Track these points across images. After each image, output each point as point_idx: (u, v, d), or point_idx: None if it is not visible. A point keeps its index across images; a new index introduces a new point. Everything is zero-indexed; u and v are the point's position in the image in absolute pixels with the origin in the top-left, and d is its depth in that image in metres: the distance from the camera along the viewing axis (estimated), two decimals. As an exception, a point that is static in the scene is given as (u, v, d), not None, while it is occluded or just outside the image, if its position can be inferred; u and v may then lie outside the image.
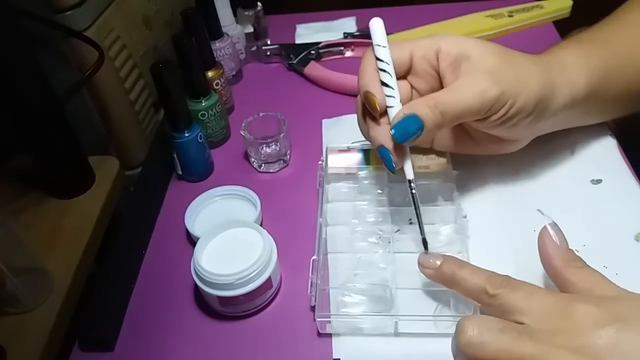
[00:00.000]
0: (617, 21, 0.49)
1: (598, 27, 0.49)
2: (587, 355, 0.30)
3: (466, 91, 0.40)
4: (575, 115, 0.47)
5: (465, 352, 0.31)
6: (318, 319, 0.41)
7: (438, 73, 0.44)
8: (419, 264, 0.42)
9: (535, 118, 0.43)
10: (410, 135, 0.40)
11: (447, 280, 0.39)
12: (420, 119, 0.40)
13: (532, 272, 0.41)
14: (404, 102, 0.42)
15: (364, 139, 0.47)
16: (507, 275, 0.37)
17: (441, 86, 0.44)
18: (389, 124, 0.42)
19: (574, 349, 0.30)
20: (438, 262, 0.40)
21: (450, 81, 0.42)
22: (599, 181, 0.50)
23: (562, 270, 0.37)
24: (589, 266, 0.37)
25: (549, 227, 0.39)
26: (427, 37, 0.44)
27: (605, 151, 0.52)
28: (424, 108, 0.40)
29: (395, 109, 0.42)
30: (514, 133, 0.45)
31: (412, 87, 0.46)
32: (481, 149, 0.48)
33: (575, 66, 0.44)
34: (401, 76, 0.45)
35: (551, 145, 0.52)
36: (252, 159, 0.59)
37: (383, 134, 0.42)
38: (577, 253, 0.38)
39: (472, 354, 0.31)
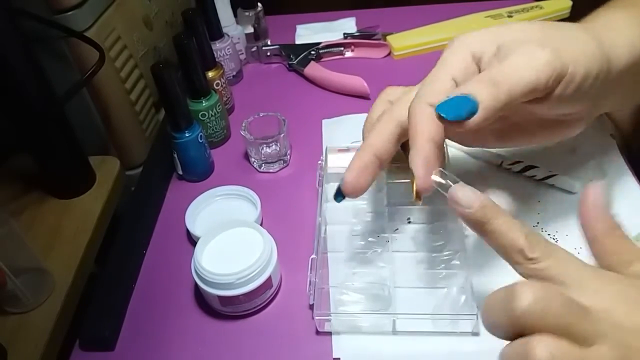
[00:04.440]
0: None
1: None
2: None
3: (524, 63, 0.35)
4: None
5: (522, 320, 0.27)
6: (316, 317, 0.42)
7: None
8: (452, 199, 0.33)
9: (602, 84, 0.38)
10: (462, 115, 0.34)
11: (477, 226, 0.33)
12: (474, 99, 0.34)
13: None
14: None
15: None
16: (540, 235, 0.33)
17: None
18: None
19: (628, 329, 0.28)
20: (475, 204, 0.33)
21: None
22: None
23: (602, 237, 0.34)
24: (628, 237, 0.34)
25: (598, 187, 0.35)
26: (455, 52, 0.38)
27: (606, 152, 0.52)
28: (478, 86, 0.34)
29: None
30: (579, 107, 0.40)
31: None
32: (537, 139, 0.43)
33: (627, 24, 0.40)
34: None
35: (553, 146, 0.52)
36: (253, 159, 0.59)
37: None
38: (577, 254, 0.38)
39: (531, 322, 0.27)
